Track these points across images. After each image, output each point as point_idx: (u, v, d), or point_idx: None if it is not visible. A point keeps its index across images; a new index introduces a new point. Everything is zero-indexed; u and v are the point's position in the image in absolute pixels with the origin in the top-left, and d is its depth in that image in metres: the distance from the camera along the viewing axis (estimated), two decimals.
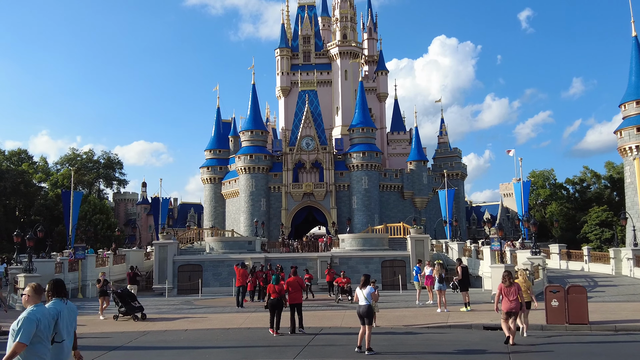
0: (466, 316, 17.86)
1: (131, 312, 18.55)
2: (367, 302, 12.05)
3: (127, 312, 18.58)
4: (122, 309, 18.63)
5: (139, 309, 18.71)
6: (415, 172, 62.35)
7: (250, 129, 59.59)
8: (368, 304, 12.09)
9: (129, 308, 18.59)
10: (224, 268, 34.79)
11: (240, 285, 22.61)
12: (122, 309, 18.64)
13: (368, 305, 12.06)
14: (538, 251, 25.50)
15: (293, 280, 16.14)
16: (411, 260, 34.57)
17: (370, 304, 12.07)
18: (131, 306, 18.63)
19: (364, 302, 12.09)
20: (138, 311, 18.65)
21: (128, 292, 19.62)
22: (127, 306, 18.56)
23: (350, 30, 67.42)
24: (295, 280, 16.11)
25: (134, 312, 18.58)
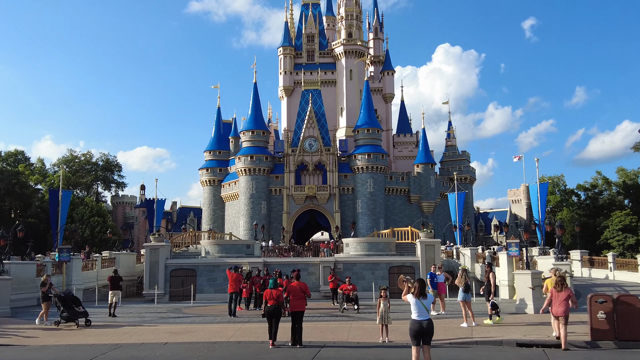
0: (493, 330, 15.39)
1: (74, 318, 17.05)
2: (428, 316, 9.42)
3: (70, 318, 17.11)
4: (65, 314, 17.15)
5: (82, 314, 17.18)
6: (423, 176, 59.87)
7: (251, 129, 57.29)
8: (429, 318, 9.49)
9: (72, 313, 17.06)
10: (219, 273, 32.37)
11: (233, 292, 20.18)
12: (64, 314, 17.16)
13: (430, 321, 9.48)
14: (564, 257, 22.99)
15: (295, 285, 13.89)
16: (421, 266, 32.12)
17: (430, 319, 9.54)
18: (74, 311, 17.10)
19: (425, 316, 9.39)
20: (82, 316, 17.10)
21: (72, 296, 17.99)
22: (70, 311, 17.02)
23: (355, 28, 65.20)
24: (297, 286, 13.87)
25: (77, 317, 17.05)
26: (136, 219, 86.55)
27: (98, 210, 69.66)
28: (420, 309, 9.39)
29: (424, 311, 9.39)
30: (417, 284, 9.57)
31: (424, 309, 9.39)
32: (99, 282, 33.66)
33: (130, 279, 37.41)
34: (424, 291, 9.50)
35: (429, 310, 9.39)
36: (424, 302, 9.45)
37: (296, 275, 14.99)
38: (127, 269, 37.28)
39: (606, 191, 78.86)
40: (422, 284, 9.63)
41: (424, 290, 9.56)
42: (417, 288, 9.50)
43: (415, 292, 9.48)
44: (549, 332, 14.86)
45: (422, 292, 9.48)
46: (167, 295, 32.36)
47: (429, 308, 9.42)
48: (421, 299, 9.45)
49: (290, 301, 13.69)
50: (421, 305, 9.40)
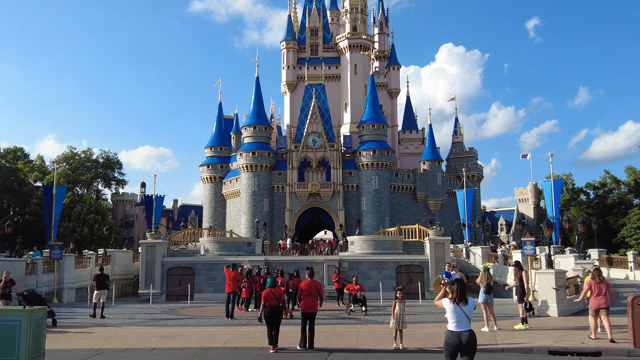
0: (519, 336, 13.79)
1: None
2: (469, 327, 7.49)
3: None
4: None
5: (48, 314, 15.44)
6: (429, 173, 58.21)
7: (253, 124, 55.74)
8: (470, 329, 7.51)
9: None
10: (218, 272, 30.77)
11: (231, 292, 18.63)
12: None
13: (471, 332, 7.51)
14: (587, 255, 21.37)
15: (309, 283, 12.55)
16: (430, 265, 30.53)
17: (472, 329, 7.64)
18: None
19: (465, 326, 7.41)
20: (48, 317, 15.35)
21: (36, 294, 16.49)
22: None
23: (360, 22, 63.58)
24: (311, 284, 12.55)
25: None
26: (136, 217, 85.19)
27: (97, 208, 68.22)
28: (460, 317, 7.43)
29: (465, 320, 7.42)
30: (455, 287, 7.62)
31: (464, 318, 7.44)
32: (92, 281, 32.22)
33: (127, 277, 35.94)
34: (464, 295, 7.61)
35: (470, 319, 7.53)
36: (464, 308, 7.48)
37: (310, 272, 13.44)
38: (123, 267, 35.83)
39: (615, 190, 77.21)
40: (462, 286, 7.75)
41: (465, 294, 7.67)
42: (455, 291, 7.58)
43: (454, 296, 7.54)
44: (582, 337, 13.29)
45: (462, 297, 7.55)
46: (164, 294, 30.84)
47: (471, 316, 7.55)
48: (461, 305, 7.51)
49: (305, 301, 12.22)
50: (461, 313, 7.45)
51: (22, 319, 8.29)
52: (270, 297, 12.09)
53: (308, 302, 12.25)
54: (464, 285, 7.70)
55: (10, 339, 8.20)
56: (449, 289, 7.56)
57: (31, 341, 8.32)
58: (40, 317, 8.75)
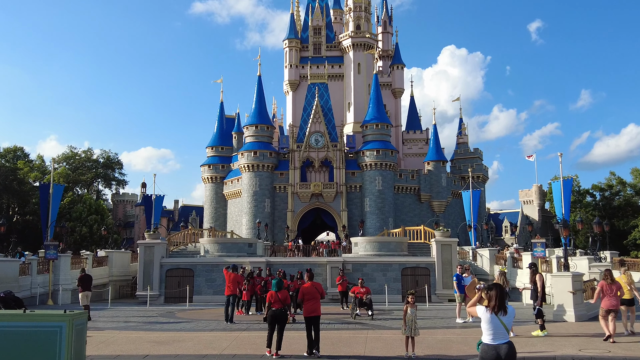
0: (539, 343, 12.86)
1: None
2: (507, 338, 6.35)
3: None
4: None
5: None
6: (434, 174, 57.26)
7: (255, 124, 54.86)
8: (509, 341, 6.35)
9: None
10: (218, 273, 29.89)
11: (231, 295, 17.71)
12: None
13: (510, 345, 6.33)
14: (602, 257, 20.43)
15: (310, 286, 11.74)
16: (437, 267, 29.64)
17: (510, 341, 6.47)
18: None
19: (503, 338, 6.28)
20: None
21: (13, 296, 15.49)
22: None
23: (364, 20, 62.73)
24: (312, 286, 11.72)
25: None
26: (137, 217, 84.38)
27: (97, 208, 67.42)
28: (498, 328, 6.29)
29: (503, 332, 6.30)
30: (494, 293, 6.42)
31: (502, 329, 6.29)
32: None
33: (124, 278, 35.10)
34: (504, 303, 6.42)
35: (509, 330, 6.38)
36: (503, 318, 6.33)
37: (309, 275, 12.54)
38: (121, 268, 35.00)
39: (621, 192, 76.23)
40: (502, 293, 6.52)
41: (505, 301, 6.48)
42: (494, 299, 6.38)
43: (493, 304, 6.35)
44: (607, 345, 12.38)
45: (501, 305, 6.37)
46: (162, 296, 29.98)
47: (510, 327, 6.42)
48: (500, 314, 6.34)
49: (306, 304, 11.36)
50: (499, 324, 6.30)
51: (63, 324, 7.48)
52: (275, 299, 11.41)
53: (311, 305, 11.42)
54: (503, 292, 6.55)
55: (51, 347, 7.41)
56: (485, 295, 6.56)
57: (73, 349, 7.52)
58: (81, 322, 7.92)
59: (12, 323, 7.62)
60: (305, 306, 11.43)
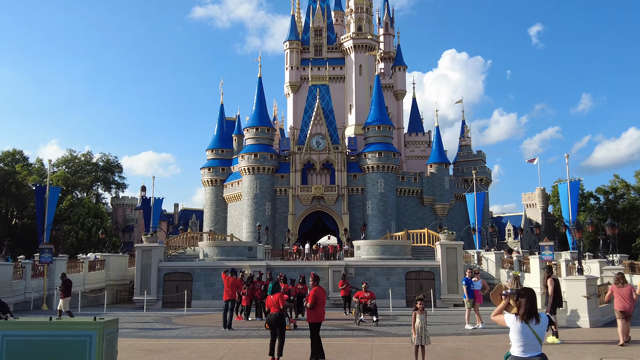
0: (556, 351, 12.09)
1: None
2: (540, 351, 5.61)
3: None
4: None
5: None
6: (436, 176, 56.51)
7: (256, 126, 54.16)
8: (541, 353, 5.58)
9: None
10: (217, 277, 29.09)
11: (230, 300, 16.94)
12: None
13: (543, 357, 5.56)
14: (616, 261, 19.66)
15: (320, 289, 11.18)
16: (441, 271, 28.84)
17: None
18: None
19: (535, 351, 5.56)
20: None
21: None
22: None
23: (365, 22, 62.09)
24: (321, 290, 11.19)
25: None
26: (136, 221, 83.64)
27: (96, 212, 66.70)
28: (529, 339, 5.51)
29: (535, 342, 5.53)
30: (525, 300, 5.61)
31: (534, 340, 5.52)
32: (85, 286, 30.63)
33: (122, 283, 34.37)
34: (536, 310, 5.64)
35: (541, 341, 5.60)
36: (535, 328, 5.53)
37: (315, 278, 11.77)
38: (118, 272, 34.28)
39: (625, 195, 75.47)
40: (533, 299, 5.68)
41: (536, 308, 5.69)
42: (525, 305, 5.59)
43: (523, 311, 5.58)
44: (629, 352, 11.63)
45: (533, 312, 5.59)
46: (160, 301, 29.20)
47: (542, 337, 5.62)
48: (531, 322, 5.54)
49: (318, 309, 10.74)
50: (530, 334, 5.51)
51: (93, 333, 6.92)
52: (268, 303, 10.85)
53: (321, 310, 10.78)
54: (534, 298, 5.75)
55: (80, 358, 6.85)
56: (514, 302, 5.77)
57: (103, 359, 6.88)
58: (112, 330, 7.29)
59: (38, 332, 7.06)
60: (317, 311, 10.77)
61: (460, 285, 28.84)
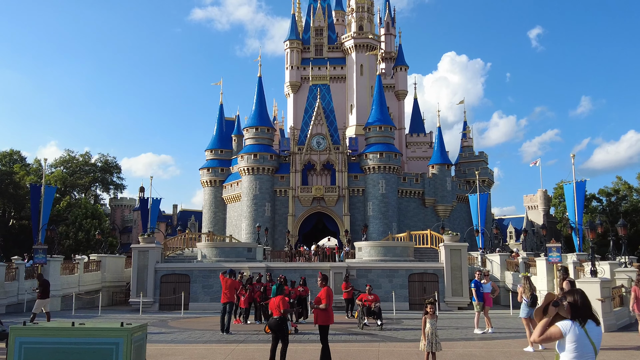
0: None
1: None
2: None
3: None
4: None
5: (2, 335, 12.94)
6: (438, 177, 55.80)
7: (255, 126, 53.45)
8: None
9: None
10: (216, 279, 28.28)
11: (228, 302, 16.22)
12: None
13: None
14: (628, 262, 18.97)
15: (329, 289, 10.48)
16: (445, 273, 28.15)
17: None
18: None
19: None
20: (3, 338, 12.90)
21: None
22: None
23: (367, 21, 61.43)
24: (330, 291, 10.56)
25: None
26: (134, 222, 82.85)
27: (93, 212, 65.96)
28: (585, 347, 4.60)
29: (590, 352, 4.63)
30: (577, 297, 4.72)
31: (590, 349, 4.62)
32: (81, 287, 29.96)
33: (118, 284, 33.68)
34: (591, 311, 4.75)
35: (597, 351, 4.71)
36: (591, 333, 4.66)
37: (324, 278, 10.96)
38: (115, 273, 33.59)
39: (627, 197, 74.87)
40: (585, 299, 4.78)
41: (592, 309, 4.80)
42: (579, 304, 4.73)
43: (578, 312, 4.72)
44: None
45: (588, 313, 4.75)
46: (157, 303, 28.51)
47: (599, 346, 4.74)
48: (587, 326, 4.66)
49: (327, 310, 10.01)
50: (587, 343, 4.61)
51: (120, 340, 6.39)
52: (272, 306, 10.17)
53: (331, 312, 10.08)
54: (586, 297, 4.84)
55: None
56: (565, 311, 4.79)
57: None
58: (141, 337, 6.72)
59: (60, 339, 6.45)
60: (329, 312, 10.08)
61: (465, 288, 28.24)
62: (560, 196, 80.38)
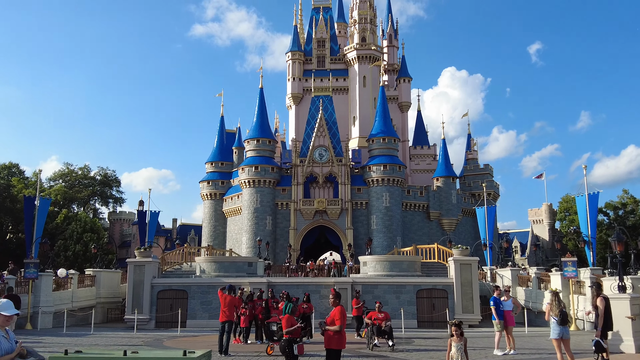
0: None
1: None
2: None
3: None
4: None
5: None
6: (443, 190, 54.65)
7: (257, 137, 52.46)
8: None
9: None
10: (215, 295, 27.09)
11: (226, 321, 14.99)
12: None
13: None
14: None
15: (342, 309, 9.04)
16: (455, 289, 26.91)
17: None
18: None
19: None
20: None
21: None
22: None
23: (369, 32, 60.77)
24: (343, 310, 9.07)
25: None
26: (133, 236, 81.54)
27: (92, 226, 64.84)
28: None
29: None
30: None
31: None
32: (74, 303, 28.68)
33: (113, 301, 32.41)
34: None
35: None
36: None
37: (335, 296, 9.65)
38: (110, 289, 32.36)
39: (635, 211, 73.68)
40: None
41: None
42: None
43: None
44: None
45: None
46: (153, 320, 27.30)
47: None
48: None
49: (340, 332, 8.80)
50: None
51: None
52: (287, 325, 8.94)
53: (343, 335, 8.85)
54: None
55: None
56: None
57: None
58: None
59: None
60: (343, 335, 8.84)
61: (477, 304, 26.98)
62: (566, 210, 79.16)
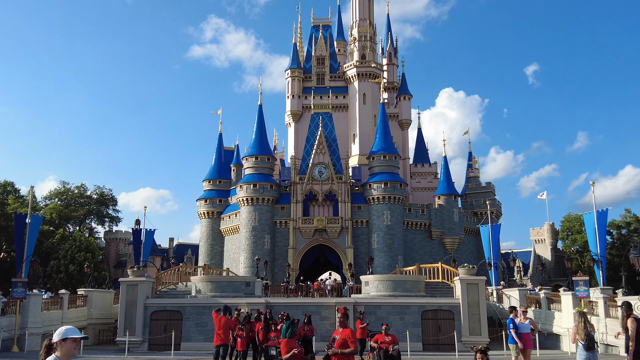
0: None
1: None
2: None
3: None
4: None
5: None
6: (445, 208, 53.70)
7: (255, 155, 51.65)
8: None
9: None
10: (210, 316, 25.95)
11: (221, 345, 13.90)
12: None
13: None
14: None
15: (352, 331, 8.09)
16: (462, 309, 25.78)
17: None
18: None
19: None
20: None
21: None
22: None
23: (369, 50, 60.43)
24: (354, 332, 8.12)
25: None
26: (129, 256, 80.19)
27: (87, 245, 63.55)
28: None
29: None
30: None
31: None
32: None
33: (105, 322, 31.21)
34: None
35: None
36: None
37: (343, 315, 8.69)
38: (102, 309, 31.18)
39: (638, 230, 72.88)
40: None
41: None
42: None
43: None
44: None
45: None
46: (146, 343, 26.10)
47: None
48: None
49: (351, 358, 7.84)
50: None
51: None
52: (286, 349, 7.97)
53: None
54: None
55: None
56: None
57: None
58: None
59: None
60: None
61: (484, 326, 25.83)
62: (568, 229, 78.24)
